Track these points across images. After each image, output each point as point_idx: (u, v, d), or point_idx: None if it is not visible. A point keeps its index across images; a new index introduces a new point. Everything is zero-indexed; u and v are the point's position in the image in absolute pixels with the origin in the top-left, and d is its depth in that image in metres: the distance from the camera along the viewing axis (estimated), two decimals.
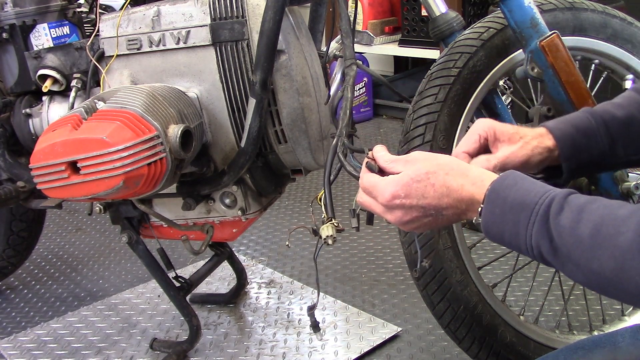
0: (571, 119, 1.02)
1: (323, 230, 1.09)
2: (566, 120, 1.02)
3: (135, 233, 1.54)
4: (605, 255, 0.70)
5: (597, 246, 0.71)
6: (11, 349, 1.67)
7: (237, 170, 1.33)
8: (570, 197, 0.76)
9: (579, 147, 1.00)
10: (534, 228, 0.76)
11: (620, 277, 0.70)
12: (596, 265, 0.71)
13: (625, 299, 0.73)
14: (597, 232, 0.71)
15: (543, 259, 0.77)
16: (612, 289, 0.72)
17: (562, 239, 0.74)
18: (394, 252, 2.12)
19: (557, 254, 0.75)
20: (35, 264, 2.21)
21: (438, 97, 1.25)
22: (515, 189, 0.79)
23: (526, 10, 1.23)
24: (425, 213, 0.84)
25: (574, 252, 0.73)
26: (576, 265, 0.73)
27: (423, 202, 0.83)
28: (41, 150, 1.17)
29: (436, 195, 0.82)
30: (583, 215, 0.73)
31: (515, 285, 1.83)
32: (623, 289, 0.70)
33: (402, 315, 1.75)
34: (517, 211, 0.77)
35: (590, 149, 1.00)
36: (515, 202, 0.78)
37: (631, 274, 0.69)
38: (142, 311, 1.83)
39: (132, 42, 1.35)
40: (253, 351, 1.61)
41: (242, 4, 1.27)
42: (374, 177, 0.88)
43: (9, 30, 1.44)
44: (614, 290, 0.72)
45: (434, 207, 0.83)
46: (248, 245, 2.26)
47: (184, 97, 1.31)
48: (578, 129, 1.00)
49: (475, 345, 1.31)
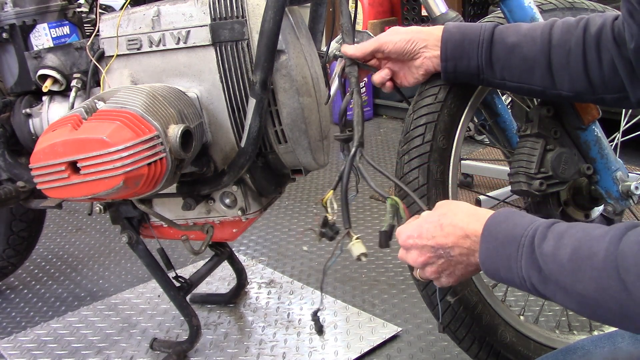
0: (467, 27, 1.11)
1: (354, 247, 1.04)
2: (463, 27, 1.11)
3: (135, 233, 1.54)
4: (586, 277, 0.71)
5: (577, 269, 0.72)
6: (11, 349, 1.67)
7: (237, 170, 1.33)
8: (554, 225, 0.78)
9: (459, 52, 1.09)
10: (522, 260, 0.78)
11: (602, 296, 0.70)
12: (580, 288, 0.72)
13: (613, 320, 0.73)
14: (575, 255, 0.72)
15: (537, 291, 0.78)
16: (599, 310, 0.72)
17: (547, 266, 0.75)
18: (394, 252, 2.11)
19: (547, 282, 0.76)
20: (35, 264, 2.21)
21: (438, 97, 1.24)
22: (505, 224, 0.82)
23: (526, 10, 1.22)
24: (436, 253, 0.88)
25: (559, 277, 0.74)
26: (564, 291, 0.74)
27: (432, 242, 0.88)
28: (41, 150, 1.17)
29: (443, 234, 0.87)
30: (563, 240, 0.75)
31: None
32: (608, 308, 0.71)
33: (402, 315, 1.75)
34: (507, 245, 0.80)
35: (469, 59, 1.09)
36: (506, 237, 0.80)
37: (610, 293, 0.69)
38: (142, 311, 1.83)
39: (132, 42, 1.35)
40: (253, 351, 1.61)
41: (242, 4, 1.27)
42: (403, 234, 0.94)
43: (9, 30, 1.44)
44: (601, 312, 0.72)
45: (441, 246, 0.87)
46: (248, 245, 2.26)
47: (184, 97, 1.31)
48: (465, 37, 1.09)
49: (475, 345, 1.31)
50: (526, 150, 1.21)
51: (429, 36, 1.12)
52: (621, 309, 0.69)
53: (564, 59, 1.03)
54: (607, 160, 1.25)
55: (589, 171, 1.24)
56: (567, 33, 1.04)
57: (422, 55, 1.13)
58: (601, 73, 1.01)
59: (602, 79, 1.02)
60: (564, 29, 1.05)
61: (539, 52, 1.05)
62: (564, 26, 1.05)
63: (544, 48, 1.05)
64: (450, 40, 1.10)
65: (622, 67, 0.98)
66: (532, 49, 1.05)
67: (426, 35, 1.12)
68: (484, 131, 1.41)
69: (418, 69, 1.15)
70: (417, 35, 1.12)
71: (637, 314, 0.68)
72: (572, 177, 1.22)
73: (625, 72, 0.98)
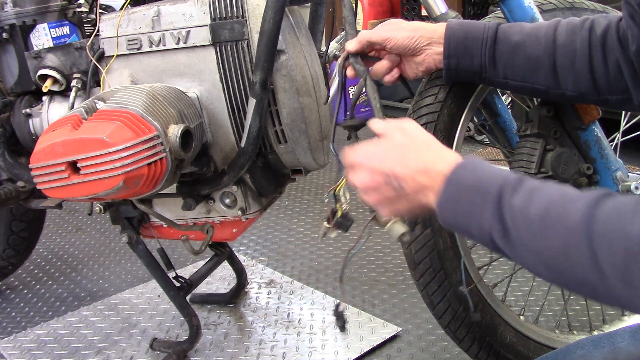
0: (470, 25, 1.10)
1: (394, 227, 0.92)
2: (466, 24, 1.10)
3: (135, 233, 1.54)
4: (554, 236, 0.69)
5: (546, 227, 0.69)
6: (11, 349, 1.67)
7: (237, 170, 1.33)
8: (526, 180, 0.75)
9: (462, 50, 1.09)
10: (487, 210, 0.74)
11: (566, 259, 0.68)
12: (544, 247, 0.70)
13: (571, 284, 0.70)
14: (547, 213, 0.70)
15: (493, 244, 0.75)
16: (559, 273, 0.70)
17: (513, 221, 0.72)
18: (394, 252, 2.12)
19: (508, 237, 0.73)
20: (35, 264, 2.21)
21: (438, 97, 1.24)
22: (474, 171, 0.78)
23: (526, 10, 1.22)
24: (386, 181, 0.83)
25: (524, 233, 0.71)
26: (525, 248, 0.72)
27: (388, 169, 0.82)
28: (41, 150, 1.17)
29: (402, 164, 0.82)
30: (535, 195, 0.72)
31: (515, 285, 1.83)
32: (570, 272, 0.69)
33: (402, 315, 1.75)
34: (472, 193, 0.76)
35: (472, 57, 1.09)
36: (473, 183, 0.77)
37: (577, 257, 0.67)
38: (142, 311, 1.83)
39: (132, 42, 1.35)
40: (253, 351, 1.61)
41: (242, 4, 1.27)
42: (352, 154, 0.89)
43: (9, 30, 1.44)
44: (560, 275, 0.70)
45: (396, 176, 0.82)
46: (248, 245, 2.26)
47: (184, 97, 1.31)
48: (468, 35, 1.08)
49: (475, 345, 1.31)
50: (526, 150, 1.21)
51: (433, 33, 1.11)
52: (583, 274, 0.67)
53: (569, 60, 1.03)
54: (607, 160, 1.25)
55: (589, 171, 1.24)
56: (572, 34, 1.04)
57: (425, 52, 1.12)
58: (606, 74, 1.01)
59: (607, 80, 1.01)
60: (568, 30, 1.05)
61: (543, 51, 1.05)
62: (569, 27, 1.05)
63: (548, 48, 1.05)
64: (454, 38, 1.09)
65: (626, 68, 0.98)
66: (536, 48, 1.05)
67: (430, 32, 1.11)
68: (484, 131, 1.41)
69: (419, 65, 1.14)
70: (421, 32, 1.11)
71: (598, 282, 0.66)
72: (572, 177, 1.22)
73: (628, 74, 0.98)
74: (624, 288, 0.63)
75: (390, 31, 1.12)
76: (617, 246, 0.63)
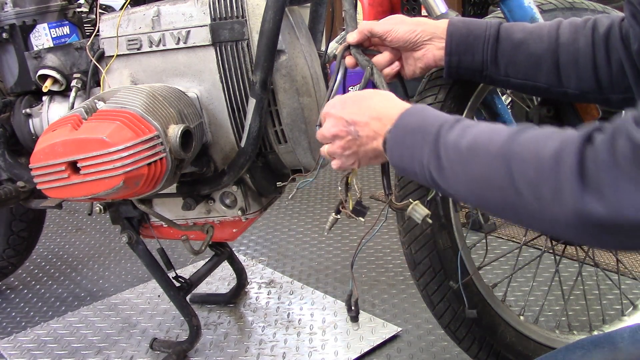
0: (472, 22, 1.10)
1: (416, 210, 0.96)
2: (468, 22, 1.10)
3: (135, 233, 1.54)
4: (478, 163, 0.75)
5: (472, 155, 0.76)
6: (11, 349, 1.67)
7: (237, 170, 1.33)
8: (463, 120, 0.82)
9: (464, 47, 1.09)
10: (426, 148, 0.81)
11: (489, 184, 0.74)
12: (471, 173, 0.76)
13: (498, 209, 0.76)
14: (474, 143, 0.76)
15: (432, 179, 0.81)
16: (486, 199, 0.76)
17: (446, 155, 0.79)
18: (394, 252, 2.12)
19: (442, 170, 0.79)
20: (35, 264, 2.21)
21: (438, 97, 1.24)
22: (418, 115, 0.85)
23: (526, 10, 1.22)
24: (347, 128, 0.92)
25: (455, 165, 0.78)
26: (456, 178, 0.78)
27: (348, 115, 0.92)
28: (41, 150, 1.17)
29: (358, 111, 0.91)
30: (467, 131, 0.78)
31: (515, 285, 1.83)
32: (494, 196, 0.74)
33: (402, 315, 1.75)
34: (415, 134, 0.83)
35: (474, 55, 1.08)
36: (417, 126, 0.84)
37: (498, 181, 0.73)
38: (142, 311, 1.83)
39: (132, 42, 1.35)
40: (253, 351, 1.61)
41: (242, 4, 1.27)
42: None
43: (9, 30, 1.44)
44: (487, 201, 0.76)
45: (354, 123, 0.91)
46: (248, 245, 2.26)
47: (184, 97, 1.31)
48: (470, 32, 1.08)
49: (475, 345, 1.31)
50: None
51: (435, 29, 1.11)
52: (505, 196, 0.72)
53: (572, 58, 1.03)
54: None
55: None
56: (575, 32, 1.04)
57: (425, 47, 1.12)
58: (609, 73, 1.01)
59: (609, 79, 1.02)
60: (571, 29, 1.05)
61: (546, 49, 1.05)
62: (572, 26, 1.05)
63: (551, 46, 1.05)
64: (456, 34, 1.09)
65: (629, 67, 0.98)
66: (538, 47, 1.05)
67: (432, 27, 1.11)
68: None
69: (417, 61, 1.14)
70: (423, 27, 1.11)
71: (518, 202, 0.71)
72: None
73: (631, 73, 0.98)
74: (537, 204, 0.69)
75: (393, 24, 1.13)
76: (530, 167, 0.69)
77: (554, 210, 0.68)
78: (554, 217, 0.68)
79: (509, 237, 2.17)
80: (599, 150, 0.65)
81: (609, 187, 0.64)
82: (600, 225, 0.65)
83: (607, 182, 0.64)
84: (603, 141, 0.66)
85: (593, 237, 0.69)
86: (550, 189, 0.68)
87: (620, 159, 0.64)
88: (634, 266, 1.93)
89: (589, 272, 1.82)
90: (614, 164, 0.64)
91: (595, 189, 0.65)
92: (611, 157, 0.64)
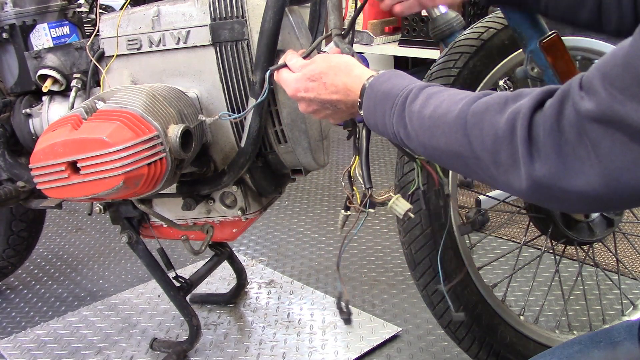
0: None
1: (397, 204, 0.96)
2: None
3: (135, 233, 1.54)
4: (439, 132, 0.78)
5: (433, 125, 0.79)
6: (11, 349, 1.67)
7: (237, 170, 1.33)
8: (428, 87, 0.84)
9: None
10: (394, 116, 0.85)
11: (451, 150, 0.77)
12: (434, 143, 0.79)
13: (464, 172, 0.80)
14: (434, 112, 0.79)
15: (405, 145, 0.87)
16: (450, 164, 0.81)
17: (412, 123, 0.83)
18: (394, 252, 2.12)
19: (410, 138, 0.84)
20: (35, 264, 2.21)
21: None
22: (386, 84, 0.89)
23: None
24: (323, 106, 0.98)
25: (420, 133, 0.82)
26: (422, 145, 0.82)
27: (319, 97, 0.97)
28: (41, 150, 1.17)
29: (328, 92, 0.96)
30: (430, 100, 0.81)
31: (515, 285, 1.83)
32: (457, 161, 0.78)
33: (402, 315, 1.75)
34: (384, 103, 0.87)
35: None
36: (384, 95, 0.88)
37: (455, 148, 0.76)
38: (142, 311, 1.83)
39: (132, 42, 1.35)
40: (253, 351, 1.61)
41: (242, 4, 1.27)
42: (284, 72, 1.04)
43: (9, 30, 1.44)
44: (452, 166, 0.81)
45: (328, 102, 0.96)
46: (248, 245, 2.26)
47: (184, 97, 1.31)
48: None
49: (475, 345, 1.31)
50: None
51: None
52: (466, 161, 0.76)
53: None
54: None
55: None
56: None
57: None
58: None
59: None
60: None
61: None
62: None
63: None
64: None
65: None
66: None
67: None
68: None
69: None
70: None
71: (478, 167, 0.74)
72: None
73: None
74: (495, 168, 0.72)
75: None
76: (487, 134, 0.72)
77: (511, 175, 0.70)
78: (511, 181, 0.71)
79: (509, 237, 2.17)
80: (547, 116, 0.67)
81: (555, 153, 0.65)
82: (548, 190, 0.67)
83: (553, 148, 0.65)
84: (551, 106, 0.67)
85: (546, 202, 0.71)
86: (507, 155, 0.70)
87: (565, 126, 0.65)
88: (634, 266, 1.93)
89: (589, 272, 1.82)
90: (560, 130, 0.65)
91: (544, 155, 0.66)
92: (557, 123, 0.65)
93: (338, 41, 1.11)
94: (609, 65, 0.62)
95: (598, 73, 0.63)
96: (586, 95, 0.63)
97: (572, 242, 1.40)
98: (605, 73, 0.62)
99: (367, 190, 1.00)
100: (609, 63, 0.62)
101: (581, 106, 0.63)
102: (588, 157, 0.63)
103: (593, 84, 0.63)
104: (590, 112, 0.62)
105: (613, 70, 0.61)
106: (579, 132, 0.64)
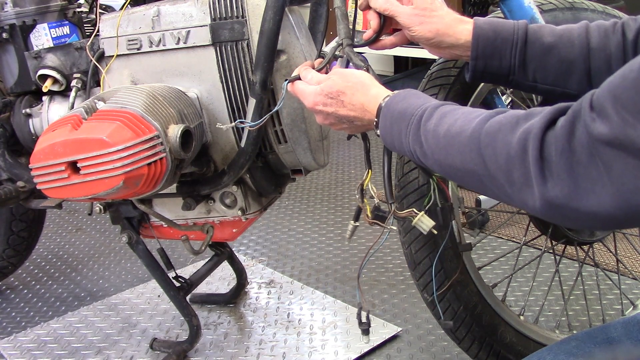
0: (499, 24, 1.06)
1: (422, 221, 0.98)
2: (495, 23, 1.06)
3: (135, 233, 1.54)
4: (454, 151, 0.80)
5: (448, 144, 0.81)
6: (11, 349, 1.68)
7: (237, 170, 1.33)
8: (442, 106, 0.85)
9: (490, 51, 1.04)
10: (410, 135, 0.87)
11: (466, 169, 0.78)
12: (450, 161, 0.81)
13: (480, 190, 0.81)
14: (449, 131, 0.81)
15: (422, 163, 0.88)
16: (465, 181, 0.81)
17: (427, 142, 0.84)
18: (394, 252, 2.12)
19: (426, 157, 0.85)
20: (35, 264, 2.21)
21: (438, 97, 1.25)
22: (401, 103, 0.90)
23: (526, 10, 1.22)
24: (340, 121, 1.00)
25: (435, 152, 0.83)
26: (438, 164, 0.84)
27: (337, 113, 0.99)
28: (41, 150, 1.17)
29: (346, 110, 0.98)
30: (444, 119, 0.83)
31: (515, 285, 1.83)
32: (472, 179, 0.79)
33: (402, 315, 1.75)
34: (399, 122, 0.89)
35: (501, 59, 1.04)
36: (399, 114, 0.89)
37: (470, 167, 0.78)
38: (142, 311, 1.83)
39: (132, 42, 1.35)
40: (253, 351, 1.61)
41: (242, 4, 1.27)
42: (301, 84, 1.05)
43: (9, 30, 1.44)
44: (468, 184, 0.82)
45: (346, 118, 0.99)
46: (248, 245, 2.26)
47: (184, 97, 1.31)
48: (498, 36, 1.04)
49: (475, 345, 1.31)
50: None
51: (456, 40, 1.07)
52: (481, 179, 0.77)
53: (604, 64, 1.00)
54: None
55: None
56: (605, 37, 1.01)
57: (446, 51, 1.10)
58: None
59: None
60: (601, 33, 1.01)
61: (577, 55, 1.01)
62: (600, 30, 1.02)
63: (582, 51, 1.01)
64: (482, 37, 1.05)
65: None
66: (570, 51, 1.02)
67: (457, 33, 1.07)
68: None
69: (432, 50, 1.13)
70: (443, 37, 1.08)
71: (493, 185, 0.75)
72: None
73: None
74: (510, 187, 0.73)
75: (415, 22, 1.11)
76: (500, 154, 0.73)
77: (525, 194, 0.71)
78: (525, 200, 0.72)
79: (509, 237, 2.17)
80: (558, 137, 0.67)
81: (567, 174, 0.66)
82: (561, 210, 0.68)
83: (565, 169, 0.66)
84: (563, 126, 0.67)
85: (560, 220, 0.72)
86: (520, 174, 0.71)
87: (577, 147, 0.65)
88: (634, 266, 1.93)
89: (589, 272, 1.83)
90: (571, 151, 0.66)
91: (556, 175, 0.67)
92: (568, 144, 0.66)
93: (351, 53, 1.10)
94: (619, 87, 0.62)
95: (609, 95, 0.62)
96: (598, 117, 0.63)
97: (572, 242, 1.40)
98: (617, 96, 0.62)
99: (389, 205, 1.01)
100: (620, 85, 0.62)
101: (593, 129, 0.63)
102: (600, 178, 0.64)
103: (604, 106, 0.63)
104: (603, 135, 0.63)
105: (624, 93, 0.61)
106: (591, 154, 0.64)
